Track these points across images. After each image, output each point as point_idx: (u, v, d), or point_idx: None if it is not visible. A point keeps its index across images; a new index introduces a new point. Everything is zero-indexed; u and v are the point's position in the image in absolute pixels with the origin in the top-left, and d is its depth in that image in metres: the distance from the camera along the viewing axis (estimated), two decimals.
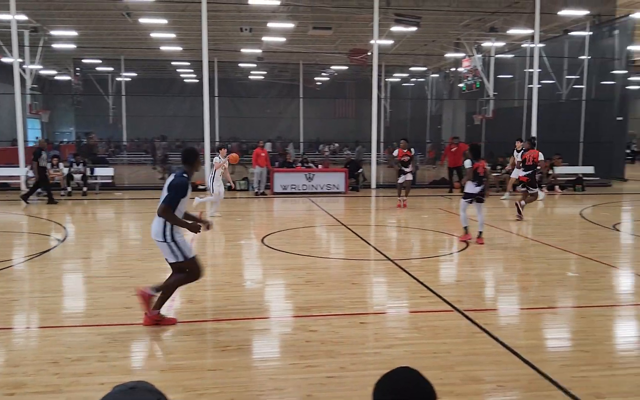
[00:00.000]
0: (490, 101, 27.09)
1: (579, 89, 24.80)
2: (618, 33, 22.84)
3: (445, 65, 35.96)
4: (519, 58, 27.33)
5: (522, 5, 22.09)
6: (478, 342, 5.27)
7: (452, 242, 10.84)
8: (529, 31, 22.38)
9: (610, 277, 8.25)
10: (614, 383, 4.41)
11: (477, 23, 25.21)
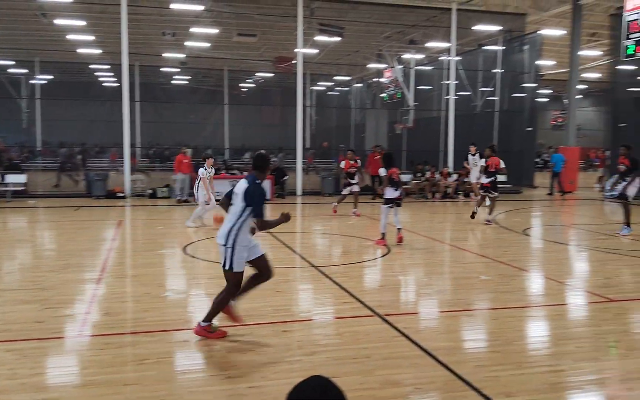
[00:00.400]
0: (411, 111, 27.94)
1: (493, 100, 26.07)
2: (528, 48, 24.25)
3: (368, 75, 36.77)
4: (437, 70, 28.36)
5: (440, 20, 22.99)
6: (397, 345, 5.41)
7: (375, 248, 11.07)
8: (446, 44, 23.30)
9: (521, 279, 8.70)
10: (522, 381, 4.65)
11: (397, 35, 25.99)
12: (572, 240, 13.07)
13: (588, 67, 30.51)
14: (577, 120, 25.58)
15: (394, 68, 28.07)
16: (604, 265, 9.98)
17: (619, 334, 6.06)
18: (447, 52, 23.61)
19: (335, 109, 42.37)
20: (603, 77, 28.58)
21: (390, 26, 24.39)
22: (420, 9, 22.65)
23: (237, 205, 5.49)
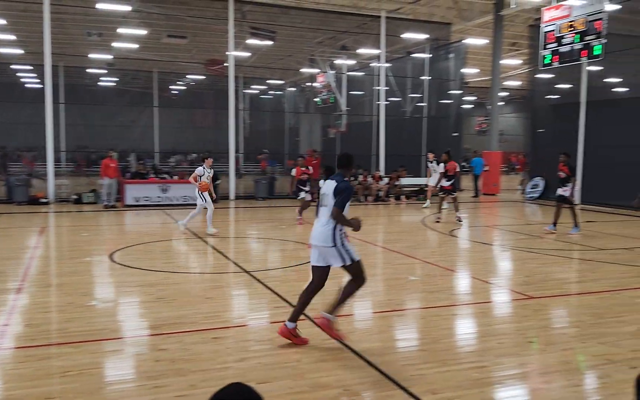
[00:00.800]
0: (344, 116, 28.29)
1: (421, 106, 26.84)
2: (453, 56, 25.15)
3: (301, 79, 36.94)
4: (368, 76, 28.89)
5: (370, 27, 23.45)
6: (328, 348, 5.48)
7: (307, 251, 11.12)
8: (376, 51, 23.79)
9: (448, 279, 9.01)
10: (447, 378, 4.81)
11: (329, 41, 26.29)
12: (495, 241, 13.64)
13: (509, 75, 31.97)
14: (499, 125, 26.72)
15: (326, 73, 28.34)
16: (524, 263, 10.49)
17: (538, 329, 6.38)
18: (377, 59, 24.11)
19: (269, 112, 42.30)
20: (523, 84, 30.02)
21: (321, 32, 24.64)
22: (350, 15, 23.04)
23: (329, 205, 5.58)
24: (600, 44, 14.69)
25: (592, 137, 19.96)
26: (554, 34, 16.17)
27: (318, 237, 5.63)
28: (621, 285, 8.46)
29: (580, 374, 5.20)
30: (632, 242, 12.64)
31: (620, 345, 5.75)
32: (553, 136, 22.01)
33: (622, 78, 26.13)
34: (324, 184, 5.85)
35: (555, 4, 16.55)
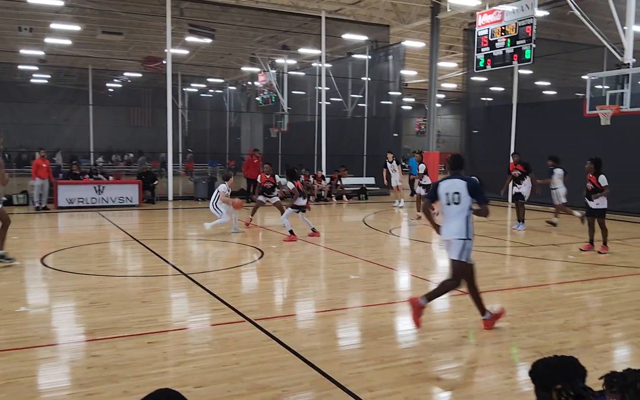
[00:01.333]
0: (285, 115, 28.28)
1: (362, 107, 27.18)
2: (392, 58, 25.60)
3: (242, 78, 36.64)
4: (309, 76, 29.00)
5: (311, 27, 23.54)
6: (267, 350, 5.46)
7: (247, 253, 11.06)
8: (317, 51, 23.90)
9: (387, 277, 9.16)
10: (384, 376, 4.88)
11: (270, 40, 26.20)
12: (433, 239, 13.96)
13: (446, 77, 32.80)
14: (437, 127, 27.40)
15: (267, 72, 28.24)
16: None
17: (473, 324, 6.57)
18: (318, 59, 24.22)
19: (209, 111, 41.73)
20: (459, 87, 30.88)
21: (262, 30, 24.54)
22: (291, 15, 23.04)
23: (462, 202, 6.05)
24: (530, 48, 15.30)
25: (522, 137, 20.77)
26: (487, 38, 16.72)
27: (453, 231, 6.10)
28: (549, 279, 8.85)
29: (512, 366, 5.39)
30: (559, 238, 13.24)
31: (548, 337, 6.00)
32: (486, 136, 22.78)
33: (551, 82, 27.36)
34: (445, 184, 6.24)
35: (488, 9, 17.11)
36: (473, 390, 4.83)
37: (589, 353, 5.58)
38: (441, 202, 6.28)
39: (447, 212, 6.21)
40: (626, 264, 10.28)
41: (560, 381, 2.33)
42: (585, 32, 15.75)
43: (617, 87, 13.93)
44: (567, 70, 24.95)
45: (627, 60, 14.03)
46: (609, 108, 13.97)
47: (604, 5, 14.59)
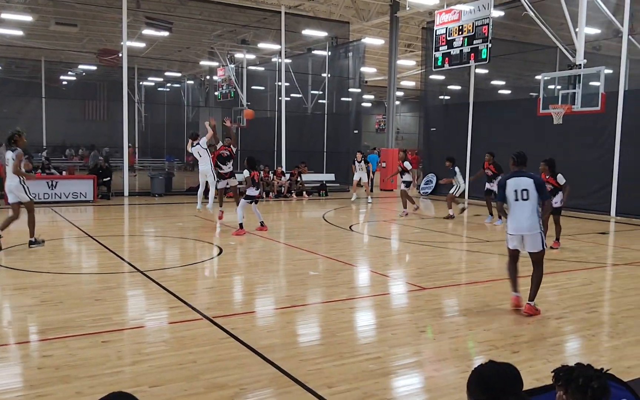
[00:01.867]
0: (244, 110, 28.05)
1: (323, 103, 27.20)
2: (352, 55, 25.71)
3: (201, 72, 36.17)
4: (269, 71, 28.84)
5: (270, 22, 23.40)
6: (225, 347, 5.38)
7: (206, 249, 10.92)
8: (277, 47, 23.78)
9: (346, 273, 9.18)
10: (343, 371, 4.88)
11: (229, 34, 25.94)
12: (392, 235, 14.10)
13: (405, 75, 33.18)
14: (396, 124, 27.67)
15: (226, 66, 27.94)
16: (418, 256, 10.93)
17: (430, 319, 6.66)
18: (278, 54, 24.11)
19: (167, 105, 41.05)
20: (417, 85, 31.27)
21: (221, 24, 24.26)
22: (250, 9, 22.86)
23: (532, 198, 6.55)
24: (487, 48, 15.60)
25: (479, 135, 21.18)
26: (445, 37, 16.96)
27: (529, 227, 6.59)
28: (504, 274, 9.02)
29: (469, 360, 5.47)
30: None
31: (503, 331, 6.13)
32: (444, 134, 23.14)
33: (506, 81, 27.99)
34: (511, 181, 6.69)
35: (446, 8, 17.35)
36: (430, 384, 4.88)
37: (542, 346, 5.73)
38: (509, 199, 6.70)
39: (515, 208, 6.65)
40: (577, 258, 10.61)
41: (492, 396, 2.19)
42: (539, 33, 16.17)
43: (569, 87, 14.36)
44: (522, 70, 25.58)
45: (578, 61, 14.46)
46: (561, 107, 14.38)
47: (557, 7, 15.00)
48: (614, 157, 16.55)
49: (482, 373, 2.24)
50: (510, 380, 2.21)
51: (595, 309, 7.23)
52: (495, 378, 2.20)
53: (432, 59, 18.20)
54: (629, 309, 7.13)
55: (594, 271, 9.47)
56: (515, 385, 2.20)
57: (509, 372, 2.23)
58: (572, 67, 14.60)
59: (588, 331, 6.35)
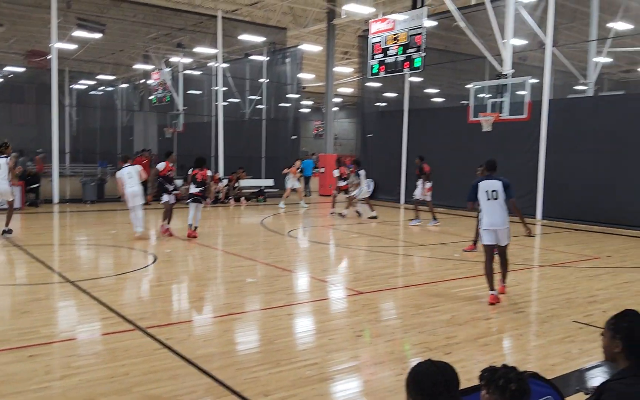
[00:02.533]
0: (181, 115, 27.58)
1: (261, 108, 27.12)
2: (290, 61, 25.78)
3: (135, 76, 35.29)
4: (206, 75, 28.49)
5: (207, 26, 23.14)
6: (158, 358, 5.27)
7: (140, 257, 10.64)
8: (214, 51, 23.54)
9: (284, 279, 9.18)
10: (280, 379, 4.88)
11: (164, 38, 25.46)
12: (329, 240, 14.22)
13: (342, 82, 33.58)
14: (334, 130, 27.94)
15: (162, 70, 27.39)
16: (355, 261, 11.09)
17: (367, 323, 6.76)
18: (215, 59, 23.86)
19: (100, 109, 39.75)
20: (354, 91, 31.73)
21: (156, 27, 23.77)
22: (186, 13, 22.53)
23: (501, 198, 7.54)
24: (420, 57, 16.02)
25: (414, 142, 21.71)
26: (380, 46, 17.30)
27: (501, 222, 7.59)
28: (438, 277, 9.30)
29: (404, 363, 5.59)
30: (447, 237, 13.96)
31: (436, 333, 6.30)
32: (380, 140, 23.57)
33: (439, 89, 28.84)
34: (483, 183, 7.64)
35: (381, 18, 17.71)
36: (367, 388, 4.96)
37: (473, 346, 5.94)
38: (481, 199, 7.65)
39: (489, 206, 7.64)
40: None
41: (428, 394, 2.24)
42: (470, 43, 16.77)
43: (497, 95, 14.95)
44: (454, 78, 26.41)
45: (505, 70, 15.09)
46: (490, 115, 14.96)
47: (486, 18, 15.61)
48: (539, 162, 17.37)
49: (419, 373, 2.29)
50: (446, 380, 2.26)
51: (522, 309, 7.55)
52: (432, 378, 2.25)
53: (368, 66, 18.50)
54: (554, 308, 7.49)
55: (521, 273, 9.89)
56: (451, 386, 2.26)
57: (446, 372, 2.28)
58: (499, 77, 15.21)
59: (516, 331, 6.63)
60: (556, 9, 17.10)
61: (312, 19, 24.62)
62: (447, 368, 2.30)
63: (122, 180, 12.37)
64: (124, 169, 12.50)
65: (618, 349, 2.72)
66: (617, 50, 21.41)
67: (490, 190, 7.61)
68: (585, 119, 16.66)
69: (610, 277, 9.66)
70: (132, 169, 12.52)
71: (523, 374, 2.31)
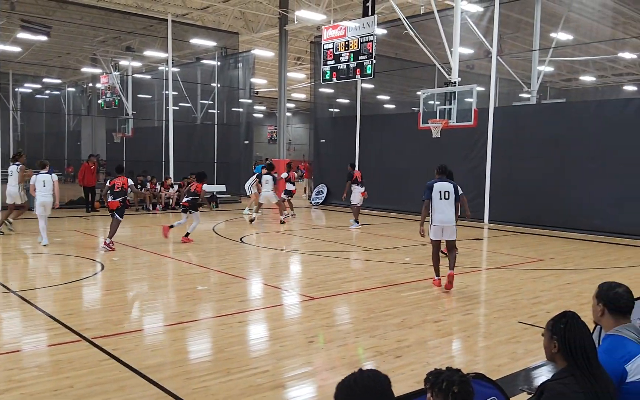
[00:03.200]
0: (130, 120, 26.99)
1: (213, 113, 26.86)
2: (242, 66, 25.66)
3: (83, 79, 34.36)
4: (156, 80, 28.02)
5: (157, 30, 22.79)
6: (105, 369, 5.13)
7: (87, 266, 10.34)
8: (164, 55, 23.18)
9: (236, 286, 9.10)
10: (230, 388, 4.83)
11: (113, 41, 24.90)
12: (283, 245, 14.19)
13: (295, 87, 33.65)
14: (287, 135, 27.95)
15: (110, 74, 26.75)
16: (309, 266, 11.10)
17: (319, 328, 6.78)
18: (165, 63, 23.49)
19: (46, 114, 38.46)
20: (308, 97, 31.85)
21: (104, 30, 23.23)
22: (135, 16, 22.11)
23: (452, 198, 8.66)
24: (371, 64, 16.22)
25: (366, 147, 21.95)
26: (332, 52, 17.42)
27: (450, 219, 8.64)
28: (389, 281, 9.43)
29: (356, 368, 5.61)
30: (397, 241, 14.16)
31: (387, 337, 6.38)
32: (333, 146, 23.73)
33: (390, 96, 29.28)
34: (437, 184, 8.68)
35: (333, 24, 17.85)
36: (319, 394, 4.97)
37: (423, 349, 6.04)
38: (434, 198, 8.63)
39: (440, 205, 8.61)
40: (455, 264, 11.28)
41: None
42: (419, 51, 17.09)
43: (446, 103, 15.29)
44: (404, 86, 26.88)
45: (453, 78, 15.45)
46: (439, 122, 15.28)
47: (435, 27, 15.95)
48: (486, 168, 17.86)
49: (348, 384, 2.22)
50: (377, 390, 2.20)
51: (470, 311, 7.73)
52: (362, 389, 2.19)
53: (320, 72, 18.60)
54: (500, 310, 7.71)
55: (469, 275, 10.13)
56: (383, 396, 2.20)
57: (377, 383, 2.21)
58: (448, 85, 15.56)
59: (464, 333, 6.79)
60: (501, 19, 17.67)
61: (264, 24, 24.58)
62: (380, 377, 2.23)
63: (34, 186, 11.92)
64: (40, 175, 12.03)
65: (555, 350, 2.83)
66: (559, 59, 22.26)
67: (444, 191, 8.65)
68: (529, 125, 17.25)
69: (553, 278, 10.01)
70: (48, 177, 11.97)
71: (466, 377, 2.37)
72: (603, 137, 15.54)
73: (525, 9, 19.50)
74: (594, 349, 2.81)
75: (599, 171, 15.55)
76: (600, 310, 3.30)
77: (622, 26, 21.67)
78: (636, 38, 22.42)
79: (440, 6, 17.16)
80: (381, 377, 2.23)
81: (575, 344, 2.76)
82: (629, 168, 14.97)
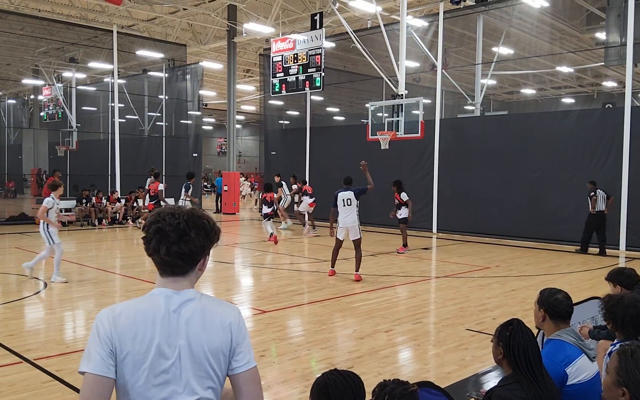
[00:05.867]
0: (74, 132, 26.23)
1: (160, 125, 26.42)
2: (190, 78, 25.38)
3: (24, 91, 33.23)
4: (101, 91, 27.36)
5: (102, 41, 22.31)
6: (48, 392, 4.95)
7: (30, 284, 9.95)
8: (110, 66, 22.69)
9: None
10: None
11: (56, 52, 24.22)
12: (234, 258, 14.06)
13: (245, 100, 33.52)
14: (238, 147, 27.77)
15: (53, 85, 25.97)
16: (260, 279, 11.04)
17: (271, 341, 6.74)
18: (110, 74, 22.99)
19: None
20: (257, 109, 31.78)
21: (46, 41, 22.55)
22: (79, 27, 21.57)
23: (353, 204, 10.27)
24: (320, 76, 16.36)
25: (316, 159, 22.06)
26: (281, 64, 17.48)
27: (351, 221, 10.30)
28: (340, 292, 9.49)
29: (307, 380, 5.62)
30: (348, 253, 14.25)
31: (339, 348, 6.42)
32: (284, 158, 23.75)
33: (340, 108, 29.58)
34: (340, 194, 10.35)
35: (281, 37, 17.92)
36: None
37: (374, 359, 6.09)
38: (339, 204, 10.29)
39: (344, 210, 10.29)
40: (404, 273, 11.48)
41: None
42: (367, 64, 17.37)
43: (394, 115, 15.57)
44: (353, 98, 27.24)
45: (400, 91, 15.76)
46: (387, 134, 15.54)
47: (382, 41, 16.26)
48: (434, 178, 18.26)
49: (323, 383, 2.31)
50: (351, 390, 2.29)
51: (420, 320, 7.86)
52: (336, 389, 2.27)
53: (269, 84, 18.62)
54: (448, 318, 7.87)
55: (418, 284, 10.31)
56: (357, 396, 2.29)
57: (351, 382, 2.31)
58: (395, 97, 15.86)
59: (414, 341, 6.89)
60: (445, 33, 18.18)
61: (213, 36, 24.44)
62: (354, 378, 2.33)
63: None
64: None
65: (501, 356, 2.94)
66: (501, 73, 23.08)
67: (346, 198, 10.33)
68: (474, 137, 17.77)
69: (499, 285, 10.31)
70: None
71: (411, 389, 2.37)
72: (543, 148, 16.16)
73: (468, 24, 20.13)
74: (538, 356, 2.92)
75: (539, 181, 16.15)
76: (542, 316, 3.44)
77: (559, 41, 22.70)
78: (572, 52, 23.51)
79: (387, 20, 17.53)
80: (354, 376, 2.35)
81: (519, 352, 2.86)
82: (568, 178, 15.61)
